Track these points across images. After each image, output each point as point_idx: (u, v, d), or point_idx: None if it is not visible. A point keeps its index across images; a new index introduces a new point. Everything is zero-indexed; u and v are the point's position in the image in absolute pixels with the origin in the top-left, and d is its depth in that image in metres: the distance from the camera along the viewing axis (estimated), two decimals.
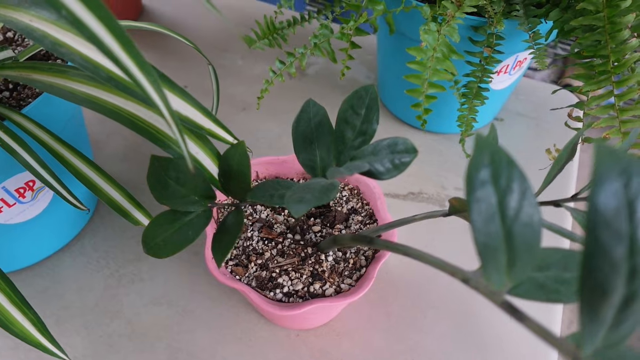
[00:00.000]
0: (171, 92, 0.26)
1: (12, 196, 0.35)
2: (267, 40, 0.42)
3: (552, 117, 0.59)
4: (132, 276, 0.43)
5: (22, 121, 0.31)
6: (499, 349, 0.39)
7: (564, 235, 0.26)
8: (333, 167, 0.29)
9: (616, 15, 0.35)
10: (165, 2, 0.73)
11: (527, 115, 0.59)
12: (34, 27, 0.23)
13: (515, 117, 0.59)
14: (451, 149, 0.54)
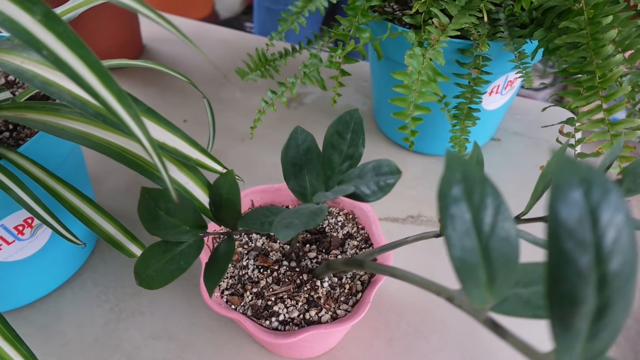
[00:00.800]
0: (158, 124, 0.26)
1: (11, 234, 0.36)
2: (259, 71, 0.43)
3: (549, 135, 0.59)
4: (131, 310, 0.43)
5: (18, 159, 0.32)
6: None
7: None
8: (321, 191, 0.29)
9: (599, 32, 0.35)
10: (165, 41, 0.76)
11: (524, 134, 0.59)
12: (25, 68, 0.24)
13: (513, 136, 0.59)
14: None
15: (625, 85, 0.34)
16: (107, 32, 0.62)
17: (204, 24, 0.82)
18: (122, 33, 0.64)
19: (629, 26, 0.37)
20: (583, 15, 0.36)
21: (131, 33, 0.67)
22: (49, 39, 0.18)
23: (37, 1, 0.18)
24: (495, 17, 0.41)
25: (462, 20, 0.37)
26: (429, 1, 0.38)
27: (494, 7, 0.40)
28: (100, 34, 0.62)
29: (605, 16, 0.35)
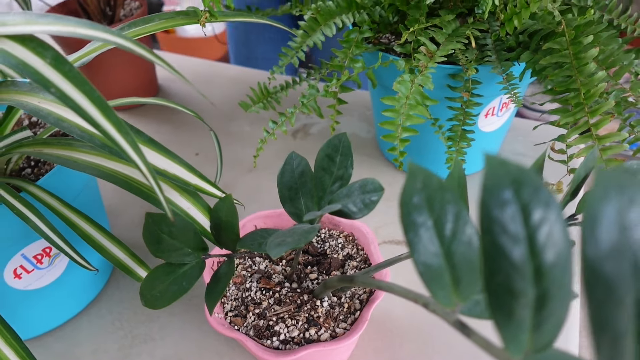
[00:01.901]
0: (159, 153, 0.28)
1: (30, 262, 0.38)
2: (261, 104, 0.46)
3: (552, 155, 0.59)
4: (144, 336, 0.44)
5: (36, 192, 0.34)
6: None
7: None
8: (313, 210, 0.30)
9: (580, 51, 0.37)
10: (179, 81, 0.80)
11: (527, 154, 0.60)
12: (41, 107, 0.27)
13: (515, 157, 0.59)
14: None
15: (611, 100, 0.35)
16: (124, 74, 0.66)
17: (217, 63, 0.87)
18: (138, 75, 0.69)
19: (612, 44, 0.38)
20: (565, 37, 0.38)
21: (147, 74, 0.71)
22: (57, 78, 0.20)
23: (48, 46, 0.21)
24: (483, 43, 0.43)
25: (449, 47, 0.39)
26: (417, 31, 0.40)
27: (479, 33, 0.42)
28: (118, 76, 0.66)
29: (586, 36, 0.37)
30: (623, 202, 0.11)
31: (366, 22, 0.45)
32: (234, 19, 0.41)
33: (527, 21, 0.41)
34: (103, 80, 0.65)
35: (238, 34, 1.01)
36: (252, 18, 0.43)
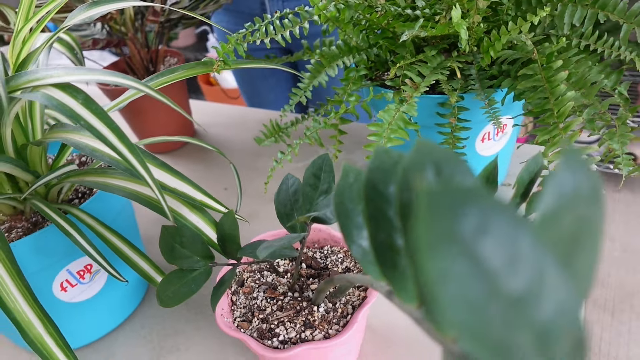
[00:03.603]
0: (170, 174, 0.34)
1: (74, 277, 0.45)
2: (273, 138, 0.52)
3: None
4: (170, 348, 0.49)
5: (80, 215, 0.41)
6: None
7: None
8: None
9: (552, 75, 0.40)
10: (212, 125, 0.89)
11: None
12: (80, 141, 0.34)
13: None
14: None
15: (580, 118, 0.38)
16: (163, 120, 0.75)
17: (248, 109, 0.95)
18: (175, 120, 0.78)
19: (582, 67, 0.41)
20: (537, 63, 0.41)
21: (183, 120, 0.80)
22: (86, 114, 0.27)
23: (81, 91, 0.28)
24: (468, 73, 0.47)
25: (432, 78, 0.44)
26: (404, 66, 0.45)
27: (463, 65, 0.46)
28: (157, 121, 0.75)
29: (556, 61, 0.40)
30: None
31: (363, 61, 0.50)
32: (245, 65, 0.48)
33: (508, 52, 0.45)
34: (145, 124, 0.75)
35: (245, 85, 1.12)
36: (262, 64, 0.50)
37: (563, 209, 0.09)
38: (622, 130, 0.39)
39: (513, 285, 0.08)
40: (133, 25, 0.71)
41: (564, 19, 0.45)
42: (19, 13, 0.36)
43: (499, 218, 0.08)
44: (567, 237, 0.09)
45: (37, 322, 0.33)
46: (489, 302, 0.08)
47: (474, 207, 0.08)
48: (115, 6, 0.37)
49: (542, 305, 0.08)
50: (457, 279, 0.08)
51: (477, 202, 0.08)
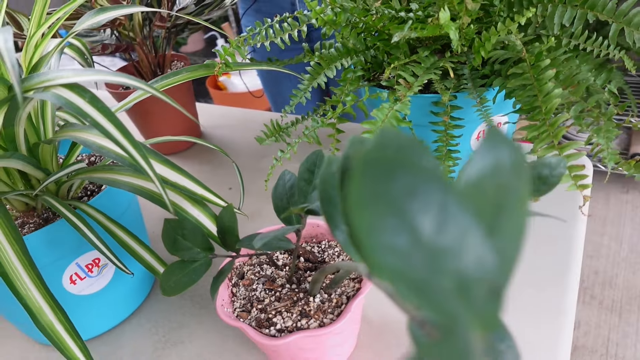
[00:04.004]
0: (172, 169, 0.36)
1: (83, 271, 0.47)
2: (273, 137, 0.54)
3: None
4: (174, 340, 0.51)
5: (89, 210, 0.43)
6: None
7: None
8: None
9: (540, 73, 0.42)
10: (218, 127, 0.91)
11: None
12: (88, 139, 0.36)
13: None
14: None
15: (566, 114, 0.39)
16: (170, 122, 0.78)
17: (254, 111, 0.97)
18: (182, 123, 0.80)
19: (569, 66, 0.42)
20: (526, 62, 0.43)
21: (190, 122, 0.82)
22: (92, 111, 0.29)
23: (88, 90, 0.30)
24: (461, 73, 0.48)
25: (425, 77, 0.45)
26: (398, 66, 0.47)
27: (456, 65, 0.48)
28: (164, 124, 0.77)
29: (544, 60, 0.42)
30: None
31: (360, 63, 0.52)
32: (246, 68, 0.50)
33: (499, 52, 0.47)
34: (152, 127, 0.77)
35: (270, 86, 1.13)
36: (263, 66, 0.52)
37: (485, 178, 0.11)
38: (607, 126, 0.40)
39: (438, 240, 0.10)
40: (141, 31, 0.74)
41: (554, 20, 0.46)
42: (32, 19, 0.38)
43: (428, 184, 0.10)
44: (491, 204, 0.11)
45: (47, 309, 0.35)
46: (412, 251, 0.09)
47: (406, 172, 0.10)
48: (121, 12, 0.39)
49: (463, 258, 0.10)
50: (385, 231, 0.09)
51: (409, 169, 0.10)
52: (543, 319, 0.46)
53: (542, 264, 0.52)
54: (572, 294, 0.49)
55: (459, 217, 0.10)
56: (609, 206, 1.68)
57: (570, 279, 0.50)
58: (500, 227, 0.11)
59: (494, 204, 0.11)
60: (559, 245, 0.54)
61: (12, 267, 0.34)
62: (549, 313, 0.47)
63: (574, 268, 0.52)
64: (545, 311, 0.47)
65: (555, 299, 0.48)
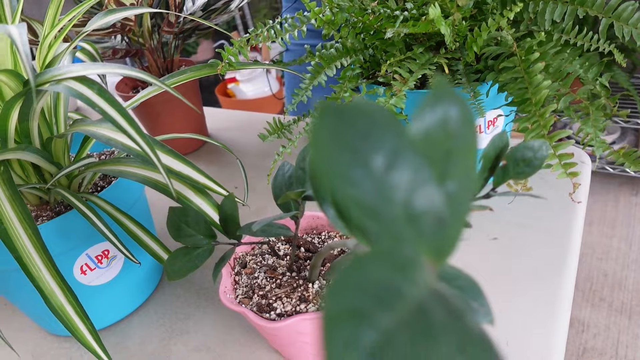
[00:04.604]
0: (176, 159, 0.38)
1: (93, 261, 0.49)
2: (276, 134, 0.56)
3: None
4: (180, 330, 0.53)
5: (99, 202, 0.45)
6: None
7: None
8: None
9: (529, 67, 0.43)
10: (225, 129, 0.94)
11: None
12: (98, 132, 0.38)
13: None
14: None
15: (554, 104, 0.41)
16: (178, 125, 0.80)
17: (259, 114, 1.00)
18: (190, 125, 0.82)
19: (559, 59, 0.44)
20: (517, 56, 0.44)
21: (198, 125, 0.85)
22: (100, 101, 0.31)
23: (96, 82, 0.32)
24: (456, 69, 0.50)
25: (419, 73, 0.47)
26: (394, 63, 0.49)
27: (450, 61, 0.49)
28: (172, 126, 0.80)
29: (533, 54, 0.43)
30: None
31: (358, 61, 0.54)
32: (249, 67, 0.52)
33: (492, 47, 0.48)
34: (160, 129, 0.79)
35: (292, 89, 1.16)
36: (264, 67, 0.54)
37: (435, 127, 0.12)
38: (595, 115, 0.41)
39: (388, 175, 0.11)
40: (150, 36, 0.76)
41: (545, 16, 0.48)
42: (45, 21, 0.41)
43: (382, 129, 0.12)
44: (440, 149, 0.12)
45: (59, 292, 0.37)
46: (365, 182, 0.11)
47: (362, 119, 0.11)
48: (129, 13, 0.41)
49: (413, 193, 0.11)
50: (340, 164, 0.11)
51: (366, 116, 0.11)
52: (539, 310, 0.47)
53: (539, 255, 0.53)
54: (569, 286, 0.50)
55: (410, 156, 0.12)
56: (619, 208, 1.67)
57: (568, 270, 0.51)
58: (450, 169, 0.12)
59: (443, 150, 0.12)
60: (556, 237, 0.55)
61: (26, 252, 0.36)
62: (545, 304, 0.48)
63: (570, 260, 0.52)
64: (541, 302, 0.48)
65: (551, 290, 0.49)
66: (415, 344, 0.09)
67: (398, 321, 0.09)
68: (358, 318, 0.08)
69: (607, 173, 1.78)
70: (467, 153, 0.13)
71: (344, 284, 0.09)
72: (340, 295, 0.09)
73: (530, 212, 0.58)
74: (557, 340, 0.44)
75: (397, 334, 0.09)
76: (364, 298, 0.09)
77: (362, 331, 0.08)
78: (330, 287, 0.09)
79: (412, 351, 0.08)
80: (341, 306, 0.08)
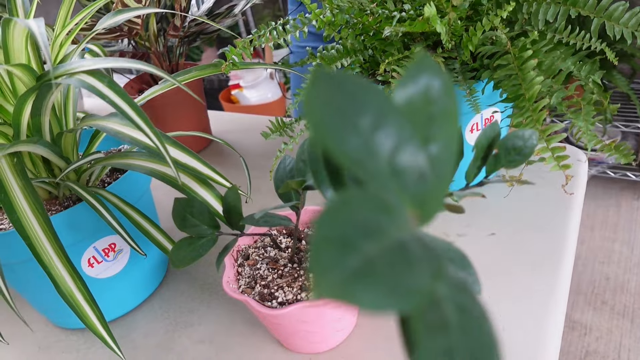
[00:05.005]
0: (182, 151, 0.40)
1: (100, 254, 0.50)
2: (278, 132, 0.57)
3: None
4: (184, 323, 0.54)
5: (108, 195, 0.47)
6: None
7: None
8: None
9: (523, 64, 0.45)
10: (229, 132, 0.95)
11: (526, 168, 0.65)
12: (107, 126, 0.40)
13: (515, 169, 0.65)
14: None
15: (547, 99, 0.42)
16: (183, 127, 0.82)
17: (262, 117, 1.02)
18: (194, 127, 0.84)
19: (551, 56, 0.45)
20: (511, 54, 0.46)
21: (201, 127, 0.86)
22: (110, 93, 0.32)
23: (106, 75, 0.33)
24: (452, 67, 0.52)
25: None
26: (392, 62, 0.50)
27: (446, 59, 0.51)
28: (178, 128, 0.81)
29: (526, 51, 0.45)
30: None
31: (358, 61, 0.55)
32: (251, 67, 0.54)
33: (487, 47, 0.50)
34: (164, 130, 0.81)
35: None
36: (267, 67, 0.55)
37: (418, 94, 0.14)
38: (586, 110, 0.42)
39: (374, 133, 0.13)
40: (156, 40, 0.79)
41: (539, 16, 0.49)
42: (57, 21, 0.43)
43: (369, 94, 0.13)
44: (423, 114, 0.14)
45: (68, 279, 0.38)
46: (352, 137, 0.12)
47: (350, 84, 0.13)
48: (137, 13, 0.43)
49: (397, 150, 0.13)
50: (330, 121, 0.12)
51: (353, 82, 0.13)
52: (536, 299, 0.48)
53: (536, 249, 0.54)
54: (565, 278, 0.51)
55: (394, 118, 0.13)
56: (621, 213, 1.68)
57: (564, 263, 0.52)
58: (432, 133, 0.14)
59: (426, 115, 0.14)
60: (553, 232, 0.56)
61: (39, 241, 0.37)
62: (541, 294, 0.49)
63: (566, 253, 0.53)
64: (538, 292, 0.49)
65: (548, 281, 0.50)
66: (393, 269, 0.10)
67: (379, 250, 0.10)
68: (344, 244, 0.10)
69: (609, 177, 1.79)
70: (448, 118, 0.14)
71: (333, 217, 0.10)
72: (329, 225, 0.10)
73: (527, 209, 0.59)
74: (553, 330, 0.45)
75: (378, 260, 0.10)
76: (350, 229, 0.10)
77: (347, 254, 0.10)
78: (320, 218, 0.10)
79: (390, 274, 0.10)
80: (330, 233, 0.10)
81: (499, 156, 0.32)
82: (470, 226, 0.59)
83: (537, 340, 0.45)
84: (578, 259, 1.53)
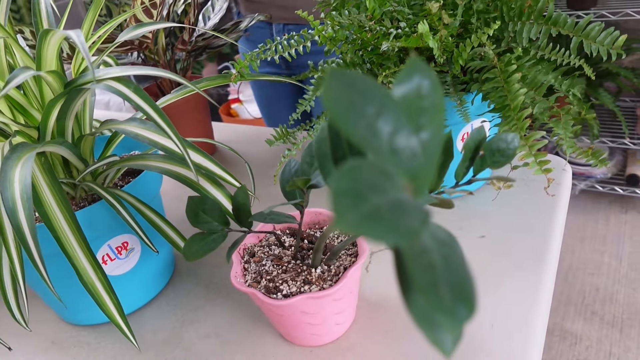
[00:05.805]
0: (197, 153, 0.43)
1: (113, 252, 0.53)
2: (281, 140, 0.61)
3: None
4: (191, 319, 0.57)
5: (124, 195, 0.50)
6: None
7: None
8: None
9: (508, 77, 0.49)
10: (232, 142, 0.99)
11: (514, 176, 0.69)
12: (127, 129, 0.44)
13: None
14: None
15: (530, 109, 0.46)
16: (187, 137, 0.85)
17: (264, 128, 1.06)
18: (199, 137, 0.88)
19: (534, 70, 0.50)
20: (497, 68, 0.50)
21: (206, 137, 0.90)
22: (135, 98, 0.36)
23: (132, 82, 0.37)
24: (444, 80, 0.56)
25: None
26: (389, 75, 0.55)
27: (438, 73, 0.55)
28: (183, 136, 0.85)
29: (511, 66, 0.49)
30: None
31: None
32: (260, 78, 0.58)
33: (477, 62, 0.54)
34: None
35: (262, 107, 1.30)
36: (273, 78, 0.59)
37: (411, 91, 0.17)
38: (565, 119, 0.46)
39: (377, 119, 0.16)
40: (164, 53, 0.83)
41: (523, 34, 0.54)
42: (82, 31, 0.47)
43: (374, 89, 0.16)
44: (415, 107, 0.17)
45: (90, 270, 0.41)
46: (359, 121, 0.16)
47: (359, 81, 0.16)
48: (152, 28, 0.47)
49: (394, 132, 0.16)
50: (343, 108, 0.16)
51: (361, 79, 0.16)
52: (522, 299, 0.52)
53: (523, 251, 0.58)
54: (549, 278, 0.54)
55: (392, 108, 0.16)
56: (609, 226, 1.72)
57: (548, 264, 0.56)
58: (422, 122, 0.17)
59: (418, 108, 0.17)
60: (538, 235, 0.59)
61: (64, 233, 0.40)
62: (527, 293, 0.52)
63: (551, 255, 0.57)
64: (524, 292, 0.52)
65: (533, 281, 0.54)
66: (393, 214, 0.13)
67: (383, 201, 0.13)
68: (357, 195, 0.13)
69: (597, 192, 1.84)
70: (436, 111, 0.18)
71: (348, 176, 0.14)
72: (344, 181, 0.13)
73: (516, 213, 0.63)
74: (537, 326, 0.49)
75: (382, 208, 0.13)
76: (361, 186, 0.13)
77: (359, 203, 0.13)
78: (338, 175, 0.14)
79: (391, 218, 0.13)
80: (345, 186, 0.13)
81: (485, 157, 0.36)
82: (462, 229, 0.62)
83: (523, 334, 0.48)
84: (569, 270, 1.57)
